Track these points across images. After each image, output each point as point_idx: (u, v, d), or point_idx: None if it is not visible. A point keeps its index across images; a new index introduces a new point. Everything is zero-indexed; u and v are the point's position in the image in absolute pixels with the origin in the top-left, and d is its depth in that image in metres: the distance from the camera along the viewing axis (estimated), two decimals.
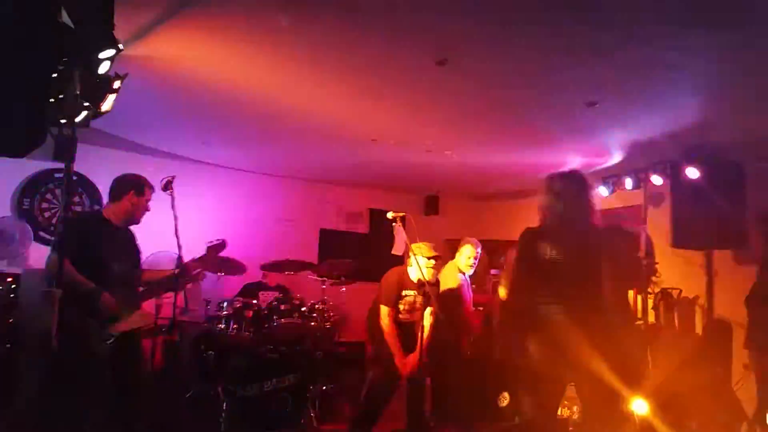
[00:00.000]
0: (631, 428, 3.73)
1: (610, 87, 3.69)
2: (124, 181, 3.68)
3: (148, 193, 3.69)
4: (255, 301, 5.39)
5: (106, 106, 2.94)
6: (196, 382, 5.20)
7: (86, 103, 2.64)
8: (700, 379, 4.70)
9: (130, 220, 3.70)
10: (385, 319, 4.44)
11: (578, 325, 2.91)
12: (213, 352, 5.13)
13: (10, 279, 4.98)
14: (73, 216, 4.52)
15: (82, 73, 2.36)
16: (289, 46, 3.35)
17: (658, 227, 5.24)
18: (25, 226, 5.44)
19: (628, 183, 5.44)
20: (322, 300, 5.54)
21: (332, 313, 5.60)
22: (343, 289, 6.11)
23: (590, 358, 2.83)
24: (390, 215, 4.42)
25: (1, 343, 4.72)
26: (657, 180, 5.21)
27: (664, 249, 5.21)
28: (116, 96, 2.96)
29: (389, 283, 4.54)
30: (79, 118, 2.60)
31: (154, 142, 5.89)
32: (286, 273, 5.94)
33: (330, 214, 7.66)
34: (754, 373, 4.11)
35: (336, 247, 7.39)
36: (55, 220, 5.74)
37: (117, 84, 2.92)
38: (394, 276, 4.57)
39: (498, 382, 5.39)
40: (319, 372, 5.33)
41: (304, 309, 5.38)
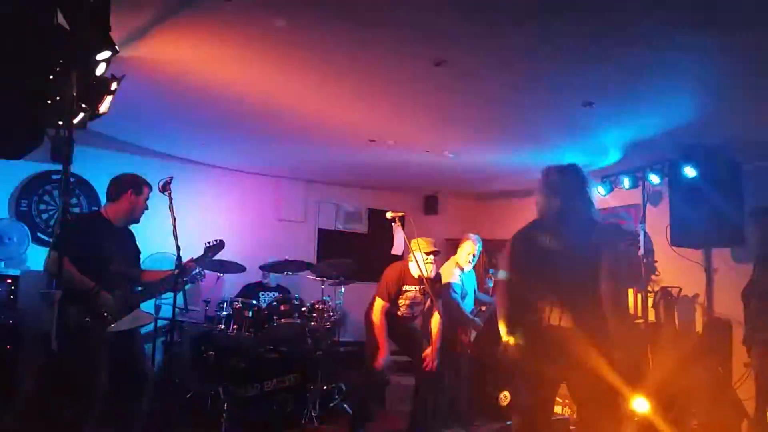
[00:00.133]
0: (628, 428, 3.73)
1: (608, 87, 3.69)
2: (121, 181, 3.68)
3: (146, 192, 3.70)
4: (255, 302, 5.40)
5: (103, 107, 2.93)
6: (196, 383, 5.21)
7: (83, 105, 2.63)
8: (701, 377, 4.71)
9: (130, 220, 3.71)
10: (377, 312, 4.46)
11: (574, 321, 2.88)
12: (213, 353, 5.14)
13: (9, 280, 4.99)
14: (71, 217, 4.52)
15: (79, 75, 2.35)
16: (287, 47, 3.35)
17: (657, 226, 5.25)
18: (23, 228, 5.44)
19: (626, 182, 5.44)
20: (322, 300, 5.54)
21: (332, 313, 5.61)
22: (343, 289, 6.12)
23: (585, 356, 2.81)
24: (389, 215, 4.43)
25: (0, 344, 4.72)
26: (655, 179, 5.22)
27: (663, 247, 5.21)
28: (113, 98, 2.95)
29: (390, 278, 4.55)
30: (76, 120, 2.58)
31: (152, 143, 5.89)
32: (286, 273, 5.94)
33: (329, 215, 7.66)
34: (753, 370, 4.10)
35: (335, 247, 7.39)
36: (53, 222, 5.74)
37: (114, 86, 2.91)
38: (395, 271, 4.58)
39: (499, 381, 5.39)
40: (318, 372, 5.33)
41: (304, 309, 5.39)
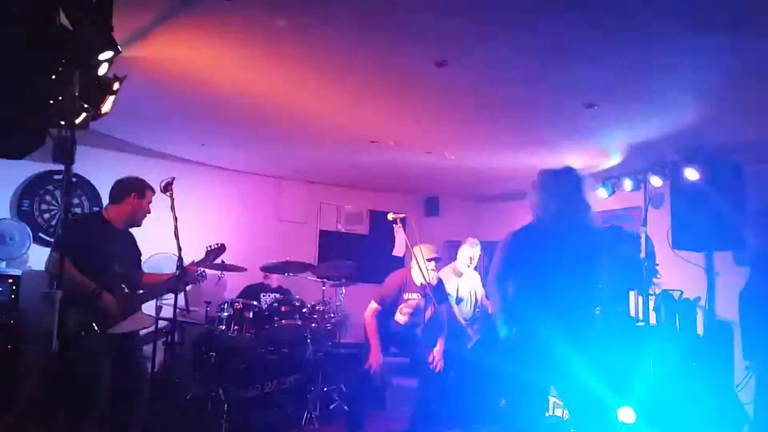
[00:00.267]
0: None
1: (610, 88, 3.69)
2: (124, 184, 3.68)
3: (149, 196, 3.69)
4: (255, 303, 5.40)
5: (106, 108, 2.93)
6: (197, 384, 5.20)
7: (85, 105, 2.64)
8: (702, 381, 4.69)
9: (131, 223, 3.70)
10: (368, 313, 4.52)
11: (568, 328, 2.84)
12: (214, 354, 5.13)
13: (10, 280, 4.99)
14: (73, 218, 4.52)
15: (81, 75, 2.36)
16: (288, 47, 3.35)
17: (658, 229, 5.24)
18: (24, 228, 5.45)
19: (628, 185, 5.44)
20: (323, 301, 5.54)
21: (332, 315, 5.60)
22: (343, 291, 6.11)
23: (577, 363, 2.79)
24: (390, 216, 4.43)
25: (1, 345, 4.72)
26: (656, 181, 5.21)
27: (665, 250, 5.21)
28: (115, 98, 2.96)
29: (390, 285, 4.56)
30: (78, 120, 2.59)
31: (154, 143, 5.89)
32: (287, 274, 5.94)
33: (330, 216, 7.66)
34: (754, 375, 4.09)
35: (336, 249, 7.39)
36: (54, 222, 5.75)
37: (116, 86, 2.91)
38: (397, 279, 4.59)
39: (499, 384, 5.38)
40: (319, 373, 5.33)
41: (305, 310, 5.38)
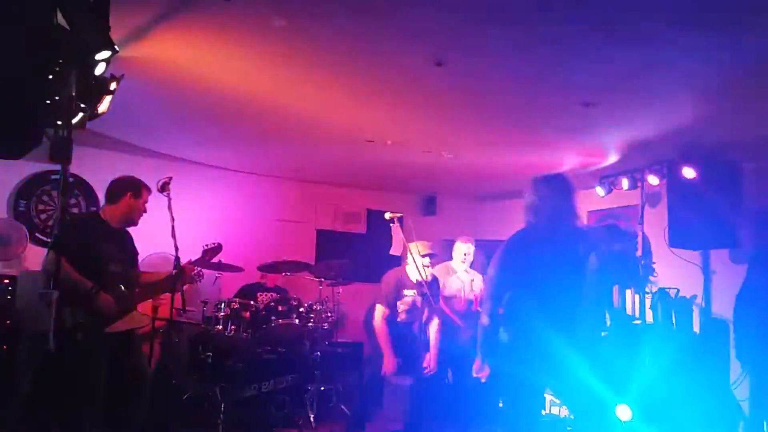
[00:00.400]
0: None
1: (607, 87, 3.69)
2: (121, 183, 3.68)
3: (145, 196, 3.69)
4: (252, 302, 5.39)
5: (103, 107, 2.92)
6: (194, 384, 5.20)
7: (82, 105, 2.63)
8: (698, 379, 4.71)
9: (128, 222, 3.70)
10: (377, 319, 4.48)
11: (560, 329, 2.91)
12: (210, 353, 5.13)
13: (7, 281, 4.98)
14: (70, 217, 4.51)
15: (78, 75, 2.35)
16: (286, 47, 3.35)
17: (655, 227, 5.26)
18: (21, 228, 5.43)
19: (625, 183, 5.45)
20: (320, 301, 5.54)
21: (330, 314, 5.60)
22: (341, 290, 6.12)
23: (571, 363, 2.84)
24: (388, 216, 4.43)
25: None
26: (653, 180, 5.22)
27: (662, 249, 5.22)
28: (112, 98, 2.95)
29: (387, 284, 4.56)
30: (75, 120, 2.58)
31: (151, 143, 5.88)
32: (284, 274, 5.94)
33: (327, 215, 7.65)
34: (749, 375, 4.11)
35: (333, 248, 7.39)
36: (51, 222, 5.74)
37: (113, 85, 2.91)
38: (392, 277, 4.58)
39: (497, 384, 5.38)
40: (316, 373, 5.33)
41: (302, 310, 5.39)
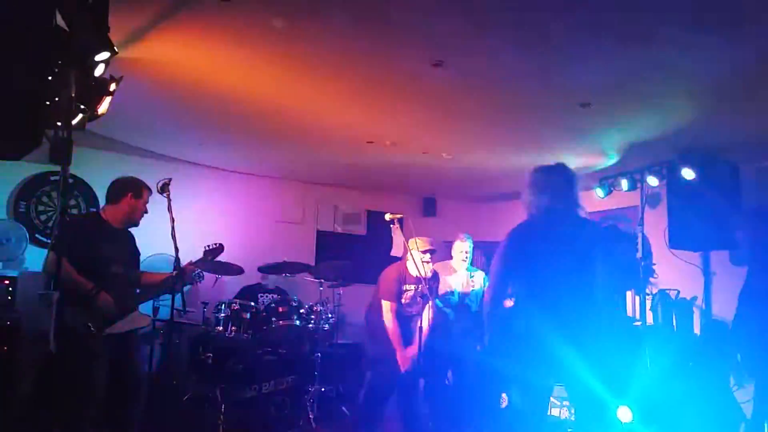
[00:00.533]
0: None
1: (606, 88, 3.70)
2: (121, 184, 3.68)
3: (145, 196, 3.69)
4: (253, 303, 5.39)
5: (102, 108, 2.92)
6: (194, 385, 5.20)
7: (82, 106, 2.63)
8: (698, 380, 4.70)
9: (128, 223, 3.70)
10: (387, 314, 4.45)
11: (566, 324, 2.86)
12: (211, 354, 5.13)
13: (7, 282, 4.98)
14: (70, 218, 4.51)
15: (78, 76, 2.35)
16: (285, 48, 3.35)
17: (655, 228, 5.25)
18: (21, 229, 5.44)
19: (625, 184, 5.45)
20: (320, 302, 5.54)
21: (330, 315, 5.60)
22: (341, 291, 6.11)
23: (578, 359, 2.81)
24: (388, 217, 4.42)
25: None
26: (653, 181, 5.22)
27: (662, 250, 5.21)
28: (112, 99, 2.95)
29: (389, 279, 4.55)
30: (75, 121, 2.59)
31: (151, 144, 5.88)
32: (284, 275, 5.94)
33: (327, 216, 7.66)
34: (750, 377, 4.10)
35: (334, 249, 7.39)
36: (51, 223, 5.74)
37: (113, 87, 2.91)
38: (393, 271, 4.58)
39: (499, 383, 5.38)
40: (316, 374, 5.32)
41: (302, 311, 5.38)
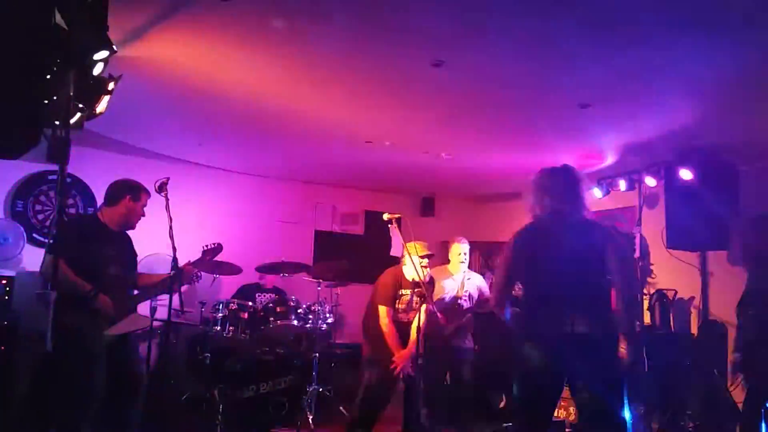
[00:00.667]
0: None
1: (604, 89, 3.70)
2: (120, 186, 3.67)
3: (143, 199, 3.68)
4: (250, 303, 5.38)
5: (101, 107, 2.91)
6: (192, 385, 5.19)
7: (80, 105, 2.62)
8: (696, 380, 4.71)
9: (125, 225, 3.69)
10: (384, 319, 4.43)
11: (572, 325, 2.86)
12: (208, 355, 5.12)
13: (4, 281, 4.97)
14: (68, 218, 4.50)
15: (76, 75, 2.35)
16: (284, 48, 3.35)
17: (653, 228, 5.25)
18: (18, 228, 5.42)
19: (622, 185, 5.45)
20: (318, 302, 5.53)
21: (328, 315, 5.60)
22: (339, 291, 6.10)
23: (586, 362, 2.80)
24: (386, 217, 4.41)
25: None
26: (651, 181, 5.23)
27: (659, 250, 5.22)
28: (110, 98, 2.94)
29: (385, 284, 4.53)
30: (73, 120, 2.57)
31: (149, 144, 5.87)
32: (282, 275, 5.93)
33: (325, 216, 7.65)
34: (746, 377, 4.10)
35: (332, 249, 7.38)
36: (48, 223, 5.72)
37: (111, 86, 2.90)
38: (389, 276, 4.57)
39: (496, 383, 5.40)
40: (314, 374, 5.32)
41: (300, 311, 5.38)
